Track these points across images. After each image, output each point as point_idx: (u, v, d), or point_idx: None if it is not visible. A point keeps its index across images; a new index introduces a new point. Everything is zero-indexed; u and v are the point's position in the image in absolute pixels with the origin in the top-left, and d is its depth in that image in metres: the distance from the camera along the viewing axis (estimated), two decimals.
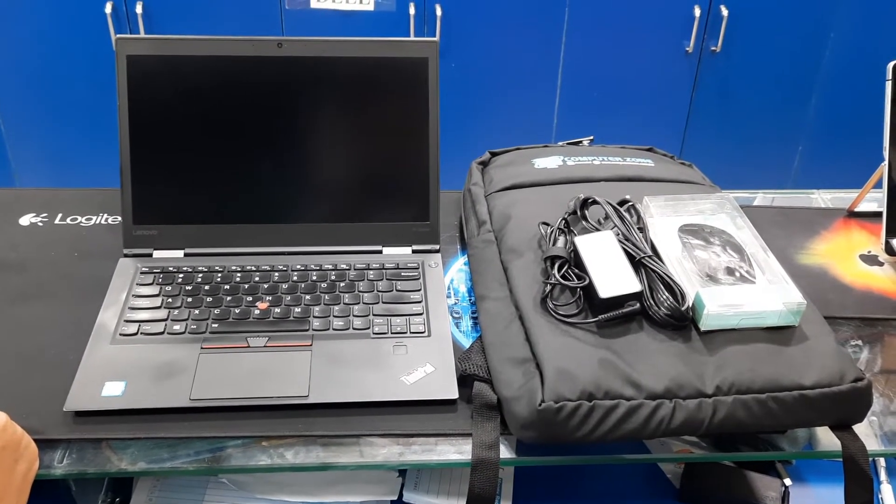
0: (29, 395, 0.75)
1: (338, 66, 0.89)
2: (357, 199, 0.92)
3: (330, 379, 0.76)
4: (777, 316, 0.74)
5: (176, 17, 1.92)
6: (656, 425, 0.68)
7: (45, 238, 0.97)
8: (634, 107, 2.12)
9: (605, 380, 0.68)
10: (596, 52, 2.03)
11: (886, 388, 0.81)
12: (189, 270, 0.88)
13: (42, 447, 0.70)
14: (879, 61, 1.11)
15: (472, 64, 2.03)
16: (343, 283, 0.87)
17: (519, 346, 0.73)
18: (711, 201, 0.87)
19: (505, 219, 0.88)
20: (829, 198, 1.14)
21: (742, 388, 0.69)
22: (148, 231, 0.91)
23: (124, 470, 0.70)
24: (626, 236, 0.79)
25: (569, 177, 0.96)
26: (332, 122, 0.90)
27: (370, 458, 0.72)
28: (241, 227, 0.91)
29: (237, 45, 0.88)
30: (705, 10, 1.98)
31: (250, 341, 0.80)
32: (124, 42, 0.87)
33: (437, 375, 0.77)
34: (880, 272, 0.98)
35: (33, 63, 1.96)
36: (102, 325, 0.81)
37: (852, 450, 0.71)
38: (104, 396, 0.73)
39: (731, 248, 0.80)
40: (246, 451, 0.72)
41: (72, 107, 2.02)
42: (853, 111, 2.14)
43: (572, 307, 0.75)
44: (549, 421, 0.67)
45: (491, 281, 0.83)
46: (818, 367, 0.71)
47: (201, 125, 0.89)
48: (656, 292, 0.74)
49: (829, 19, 2.01)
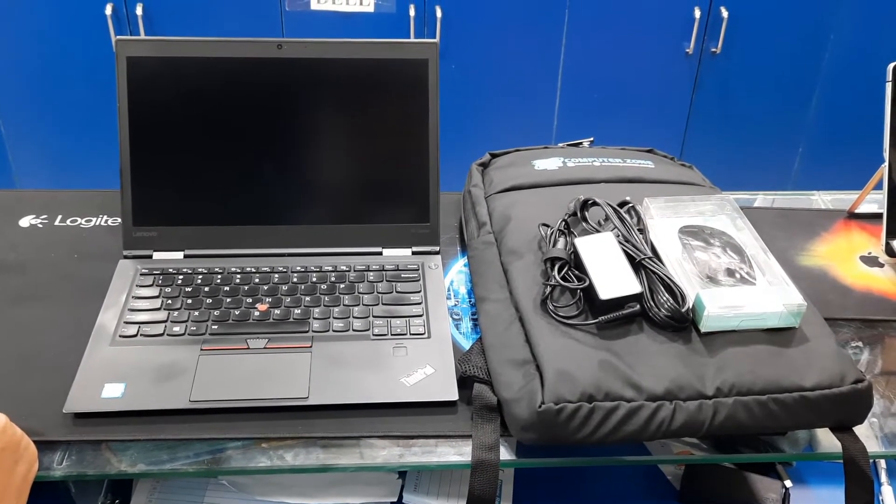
0: (28, 396, 0.74)
1: (338, 68, 0.89)
2: (357, 200, 0.92)
3: (330, 380, 0.76)
4: (777, 317, 0.73)
5: (176, 18, 1.92)
6: (657, 427, 0.68)
7: (44, 239, 0.97)
8: (635, 108, 2.12)
9: (605, 381, 0.68)
10: (596, 53, 2.03)
11: (887, 389, 0.81)
12: (189, 272, 0.88)
13: (41, 449, 0.70)
14: (879, 62, 1.11)
15: (473, 65, 2.03)
16: (343, 284, 0.87)
17: (519, 348, 0.73)
18: (712, 203, 0.87)
19: (505, 220, 0.88)
20: (830, 199, 1.14)
21: (742, 390, 0.69)
22: (148, 232, 0.91)
23: (124, 471, 0.70)
24: (627, 238, 0.79)
25: (569, 178, 0.96)
26: (332, 123, 0.90)
27: (370, 460, 0.71)
28: (241, 228, 0.91)
29: (237, 46, 0.88)
30: (705, 11, 1.98)
31: (250, 343, 0.80)
32: (124, 43, 0.87)
33: (437, 377, 0.77)
34: (881, 273, 0.97)
35: (33, 64, 1.96)
36: (102, 327, 0.81)
37: (853, 451, 0.71)
38: (104, 398, 0.73)
39: (731, 250, 0.80)
40: (246, 452, 0.72)
41: (72, 108, 2.02)
42: (853, 112, 2.14)
43: (572, 309, 0.75)
44: (550, 422, 0.67)
45: (491, 282, 0.83)
46: (819, 369, 0.71)
47: (201, 127, 0.89)
48: (656, 294, 0.74)
49: (829, 21, 2.01)
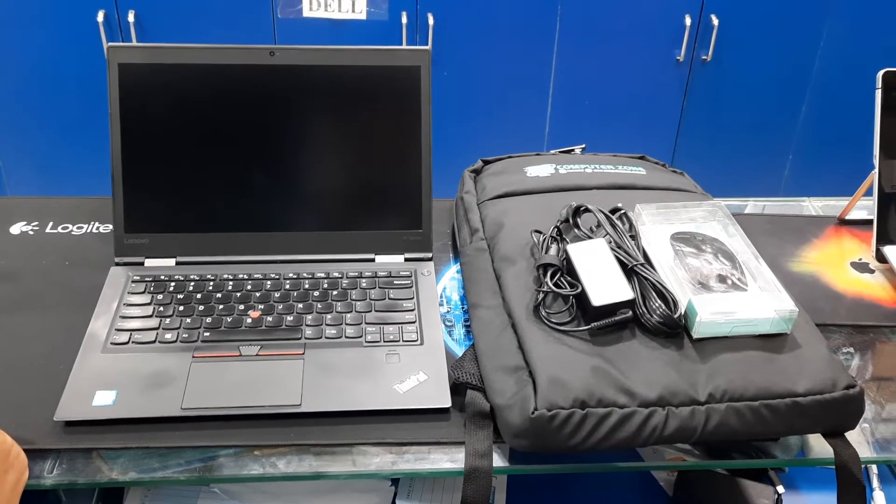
0: (19, 404, 0.74)
1: (330, 75, 0.89)
2: (349, 207, 0.92)
3: (322, 387, 0.76)
4: (769, 323, 0.74)
5: (168, 26, 1.92)
6: (649, 433, 0.68)
7: (35, 247, 0.96)
8: (626, 115, 2.13)
9: (597, 388, 0.68)
10: (587, 60, 2.04)
11: (878, 395, 0.82)
12: (181, 279, 0.88)
13: (32, 457, 0.69)
14: (869, 69, 1.12)
15: (465, 72, 2.03)
16: (335, 291, 0.87)
17: (512, 354, 0.73)
18: (703, 209, 0.88)
19: (497, 227, 0.89)
20: (820, 206, 1.15)
21: (735, 396, 0.69)
22: (139, 239, 0.90)
23: (115, 480, 0.69)
24: (619, 244, 0.79)
25: (561, 185, 0.96)
26: (325, 130, 0.90)
27: (363, 467, 0.71)
28: (233, 235, 0.91)
29: (229, 53, 0.88)
30: (696, 19, 1.99)
31: (242, 350, 0.79)
32: (116, 50, 0.87)
33: (429, 384, 0.77)
34: (871, 279, 0.98)
35: (25, 71, 1.95)
36: (93, 334, 0.80)
37: (845, 457, 0.71)
38: (95, 406, 0.72)
39: (722, 256, 0.80)
40: (238, 460, 0.71)
41: (63, 115, 2.02)
42: (843, 119, 2.15)
43: (565, 315, 0.75)
44: (542, 429, 0.67)
45: (483, 289, 0.83)
46: (810, 375, 0.71)
47: (193, 133, 0.89)
48: (648, 300, 0.74)
49: (819, 28, 2.03)
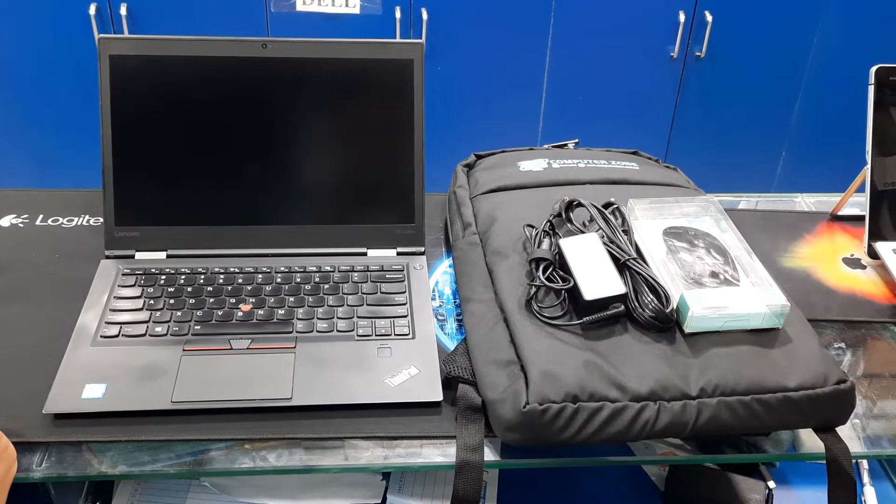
0: (8, 397, 0.74)
1: (323, 68, 0.89)
2: (342, 200, 0.92)
3: (313, 381, 0.75)
4: (761, 318, 0.74)
5: (160, 19, 1.91)
6: (641, 427, 0.68)
7: (25, 239, 0.96)
8: (620, 110, 2.13)
9: (589, 382, 0.68)
10: (581, 56, 2.04)
11: (869, 390, 0.82)
12: (171, 272, 0.87)
13: (21, 450, 0.69)
14: (863, 66, 1.12)
15: (458, 67, 2.03)
16: (327, 285, 0.87)
17: (504, 348, 0.73)
18: (696, 204, 0.88)
19: (490, 221, 0.88)
20: (813, 201, 1.15)
21: (726, 390, 0.69)
22: (130, 232, 0.90)
23: (104, 473, 0.69)
24: (611, 239, 0.79)
25: (554, 179, 0.96)
26: (317, 123, 0.90)
27: (354, 461, 0.71)
28: (225, 228, 0.91)
29: (221, 45, 0.87)
30: (690, 15, 1.99)
31: (233, 343, 0.79)
32: (107, 42, 0.87)
33: (421, 378, 0.76)
34: (863, 275, 0.98)
35: (16, 64, 1.94)
36: (83, 327, 0.80)
37: (836, 452, 0.71)
38: (84, 399, 0.72)
39: (715, 251, 0.80)
40: (228, 453, 0.71)
41: (54, 108, 2.01)
42: (836, 115, 2.16)
43: (557, 309, 0.75)
44: (534, 423, 0.67)
45: (476, 283, 0.83)
46: (802, 370, 0.71)
47: (184, 126, 0.88)
48: (641, 294, 0.74)
49: (812, 24, 2.03)
